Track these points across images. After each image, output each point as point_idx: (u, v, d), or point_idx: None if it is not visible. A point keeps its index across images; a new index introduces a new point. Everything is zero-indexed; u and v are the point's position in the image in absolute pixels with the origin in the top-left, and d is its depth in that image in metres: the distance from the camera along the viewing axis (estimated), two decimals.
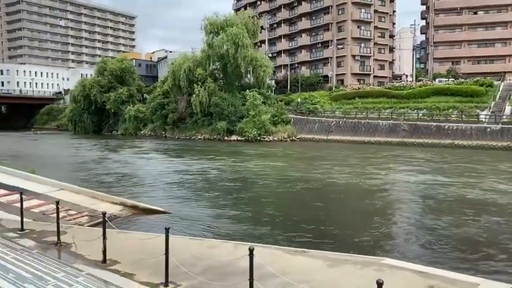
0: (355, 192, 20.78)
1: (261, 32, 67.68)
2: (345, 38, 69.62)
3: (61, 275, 7.80)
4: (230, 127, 52.77)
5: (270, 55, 73.84)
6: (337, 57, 70.91)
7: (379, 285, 4.92)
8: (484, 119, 43.96)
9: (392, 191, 20.49)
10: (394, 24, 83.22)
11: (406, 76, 77.25)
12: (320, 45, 74.47)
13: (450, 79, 59.24)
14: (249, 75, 61.26)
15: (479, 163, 30.18)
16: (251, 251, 6.42)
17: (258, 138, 50.04)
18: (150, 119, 63.82)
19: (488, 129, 41.20)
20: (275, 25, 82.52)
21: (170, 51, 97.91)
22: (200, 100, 54.58)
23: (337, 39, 70.38)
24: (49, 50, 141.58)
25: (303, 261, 8.61)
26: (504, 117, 43.55)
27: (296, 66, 76.86)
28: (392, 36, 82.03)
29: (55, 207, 10.29)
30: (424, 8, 79.67)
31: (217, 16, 59.90)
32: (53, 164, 31.20)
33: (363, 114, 50.81)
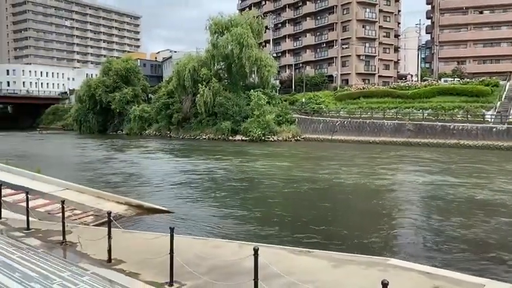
0: (363, 192, 20.65)
1: (265, 32, 67.64)
2: (349, 38, 69.47)
3: (66, 274, 7.84)
4: (235, 127, 52.80)
5: (275, 55, 73.84)
6: (341, 57, 70.76)
7: (385, 285, 4.91)
8: (489, 119, 43.70)
9: (401, 192, 20.34)
10: (399, 23, 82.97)
11: (411, 76, 77.05)
12: (325, 45, 74.35)
13: (455, 79, 58.95)
14: (253, 75, 61.23)
15: (486, 163, 30.00)
16: (256, 251, 6.42)
17: (263, 138, 50.01)
18: (155, 118, 63.96)
19: (494, 129, 40.98)
20: (280, 25, 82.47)
21: (175, 51, 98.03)
22: (205, 100, 54.67)
23: (341, 39, 70.25)
24: (54, 50, 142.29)
25: (307, 261, 8.60)
26: (510, 117, 43.17)
27: (301, 66, 76.82)
28: (397, 35, 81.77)
29: (60, 207, 10.34)
30: (429, 8, 79.36)
31: (222, 16, 60.04)
32: (59, 164, 31.29)
33: (367, 114, 50.67)
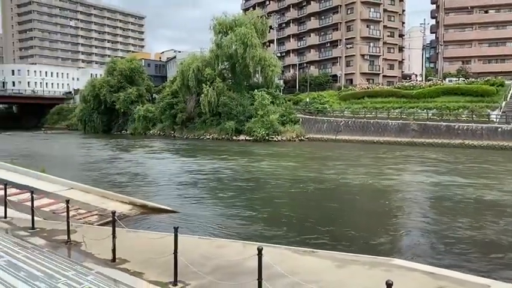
0: (370, 193, 20.49)
1: (269, 32, 67.60)
2: (354, 38, 69.30)
3: (71, 274, 7.88)
4: (238, 127, 52.79)
5: (279, 55, 73.70)
6: (346, 56, 70.60)
7: (389, 286, 4.90)
8: (494, 119, 43.50)
9: (408, 192, 20.19)
10: (403, 23, 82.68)
11: (416, 76, 76.68)
12: (329, 44, 74.23)
13: (460, 79, 58.66)
14: (257, 75, 61.21)
15: (493, 164, 29.83)
16: (260, 251, 6.42)
17: (266, 138, 49.97)
18: (159, 118, 64.09)
19: (499, 129, 40.75)
20: (284, 25, 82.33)
21: (179, 51, 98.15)
22: (209, 100, 54.72)
23: (346, 39, 70.09)
24: (59, 50, 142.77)
25: (311, 261, 8.60)
26: None
27: (305, 65, 76.71)
28: (401, 35, 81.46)
29: (65, 206, 10.40)
30: (434, 7, 79.01)
31: (226, 16, 60.04)
32: (64, 164, 31.38)
33: (372, 114, 50.53)
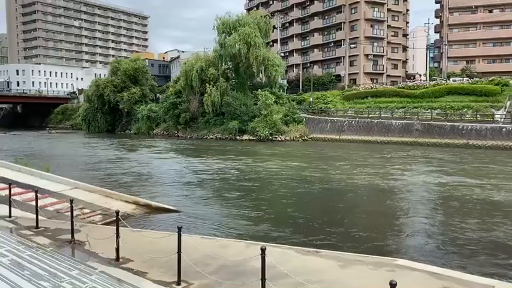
0: (378, 193, 20.26)
1: (273, 32, 67.53)
2: (357, 37, 69.15)
3: (75, 273, 7.90)
4: (242, 126, 52.77)
5: (282, 54, 73.70)
6: (349, 56, 70.43)
7: (393, 286, 4.87)
8: (499, 119, 43.32)
9: (416, 193, 20.02)
10: (407, 23, 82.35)
11: (420, 75, 76.46)
12: (332, 44, 74.09)
13: (465, 78, 58.50)
14: (261, 75, 61.16)
15: (500, 164, 29.68)
16: (263, 251, 6.42)
17: (270, 137, 49.95)
18: (162, 118, 64.13)
19: (504, 129, 40.52)
20: (287, 24, 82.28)
21: (183, 51, 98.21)
22: (212, 100, 54.76)
23: (349, 39, 69.93)
24: (63, 50, 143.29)
25: (315, 261, 8.58)
26: None
27: (308, 65, 76.60)
28: (405, 35, 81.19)
29: (69, 206, 10.41)
30: (438, 7, 78.80)
31: (230, 16, 59.96)
32: (69, 164, 31.34)
33: (375, 114, 50.43)
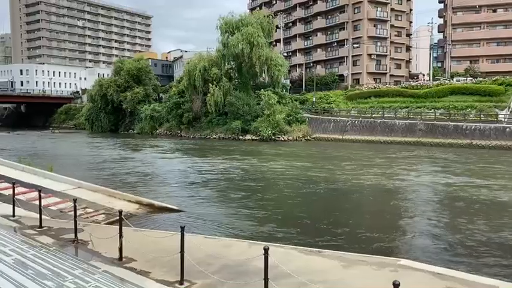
0: (384, 194, 20.07)
1: (276, 31, 67.51)
2: (360, 37, 69.03)
3: (78, 272, 7.91)
4: (245, 126, 52.76)
5: (285, 54, 73.55)
6: (352, 56, 70.32)
7: (396, 286, 4.86)
8: (503, 119, 43.14)
9: (423, 193, 19.89)
10: (411, 22, 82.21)
11: (423, 75, 76.25)
12: (335, 44, 74.00)
13: (468, 78, 58.31)
14: (264, 75, 61.15)
15: (506, 164, 29.54)
16: (266, 251, 6.41)
17: (273, 137, 49.92)
18: (165, 118, 64.20)
19: (507, 129, 40.34)
20: (290, 24, 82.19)
21: (186, 51, 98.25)
22: (215, 99, 54.80)
23: (353, 38, 69.82)
24: (67, 50, 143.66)
25: (318, 261, 8.57)
26: None
27: (311, 65, 76.57)
28: (409, 34, 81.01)
29: (72, 205, 10.45)
30: (441, 6, 78.45)
31: (233, 15, 59.97)
32: (72, 164, 31.43)
33: (379, 114, 50.31)
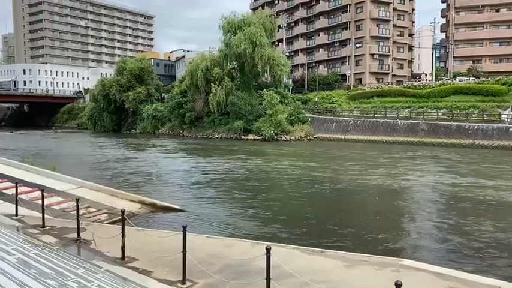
0: (390, 194, 19.87)
1: (278, 31, 67.43)
2: (363, 37, 68.95)
3: (81, 271, 7.93)
4: (247, 126, 52.75)
5: (288, 54, 73.61)
6: (355, 56, 70.26)
7: (398, 286, 4.87)
8: (506, 119, 43.06)
9: (429, 194, 19.81)
10: (413, 22, 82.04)
11: (426, 75, 76.16)
12: (338, 43, 73.89)
13: (471, 78, 58.20)
14: (266, 74, 61.15)
15: (511, 164, 29.40)
16: (268, 250, 6.41)
17: (275, 137, 49.90)
18: (168, 118, 64.23)
19: (510, 129, 40.21)
20: (292, 24, 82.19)
21: (188, 51, 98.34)
22: (217, 99, 54.82)
23: (355, 38, 69.76)
24: (70, 50, 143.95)
25: (320, 261, 8.58)
26: None
27: (313, 65, 76.52)
28: (411, 34, 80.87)
29: (75, 205, 10.46)
30: (444, 6, 78.39)
31: (235, 15, 59.95)
32: (75, 163, 31.44)
33: (381, 114, 50.26)
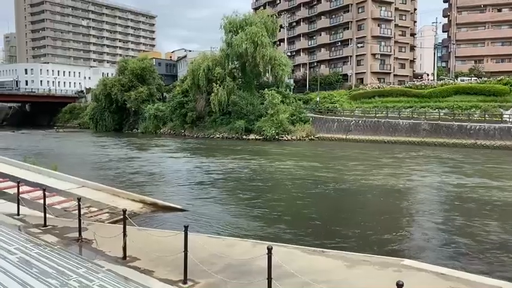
0: (395, 195, 19.75)
1: (279, 31, 67.43)
2: (364, 37, 68.83)
3: (82, 271, 7.95)
4: (248, 126, 52.73)
5: (289, 54, 73.54)
6: (356, 55, 70.13)
7: (400, 286, 4.86)
8: (508, 119, 42.97)
9: (434, 194, 19.75)
10: (415, 22, 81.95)
11: (427, 75, 76.03)
12: (339, 43, 73.77)
13: (473, 78, 58.08)
14: (267, 74, 61.16)
15: None
16: (269, 250, 6.42)
17: (276, 137, 49.89)
18: (169, 117, 64.31)
19: None
20: (294, 24, 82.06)
21: (190, 51, 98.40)
22: (219, 99, 54.83)
23: (357, 38, 69.63)
24: (71, 50, 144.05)
25: (321, 261, 8.57)
26: None
27: (315, 64, 76.43)
28: (413, 34, 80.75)
29: (77, 204, 10.48)
30: (446, 6, 78.23)
31: (237, 15, 59.95)
32: (77, 163, 31.48)
33: (382, 114, 50.21)
